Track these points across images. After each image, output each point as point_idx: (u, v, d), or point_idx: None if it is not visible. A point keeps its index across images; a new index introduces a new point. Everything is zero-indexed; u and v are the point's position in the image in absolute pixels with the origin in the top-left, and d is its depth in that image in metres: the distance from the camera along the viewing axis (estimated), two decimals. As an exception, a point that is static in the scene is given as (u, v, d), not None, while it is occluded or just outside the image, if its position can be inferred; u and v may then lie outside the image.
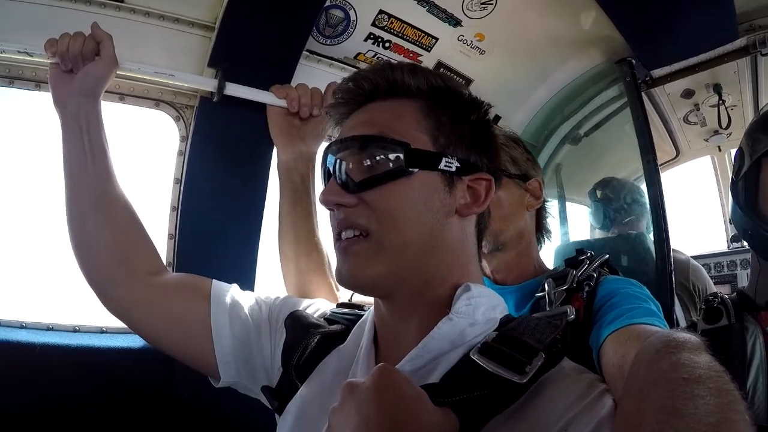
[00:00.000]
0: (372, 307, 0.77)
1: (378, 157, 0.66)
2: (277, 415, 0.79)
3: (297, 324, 0.83)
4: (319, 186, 0.91)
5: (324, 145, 1.02)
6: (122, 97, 1.31)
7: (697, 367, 0.51)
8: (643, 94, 1.82)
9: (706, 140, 2.40)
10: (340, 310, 0.87)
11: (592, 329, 0.93)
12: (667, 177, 2.73)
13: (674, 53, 1.66)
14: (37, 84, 1.25)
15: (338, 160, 0.68)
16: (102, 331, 1.37)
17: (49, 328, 1.33)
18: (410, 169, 0.66)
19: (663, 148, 2.48)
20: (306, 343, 0.79)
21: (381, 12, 1.45)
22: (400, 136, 0.67)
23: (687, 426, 0.44)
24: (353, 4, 1.41)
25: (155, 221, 1.34)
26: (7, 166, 1.62)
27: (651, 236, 1.59)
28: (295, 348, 0.79)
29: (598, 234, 2.04)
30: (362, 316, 0.81)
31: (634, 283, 1.04)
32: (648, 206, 1.59)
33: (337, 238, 0.69)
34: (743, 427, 0.45)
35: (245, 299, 0.90)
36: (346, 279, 0.68)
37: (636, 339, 0.80)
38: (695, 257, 2.26)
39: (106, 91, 1.03)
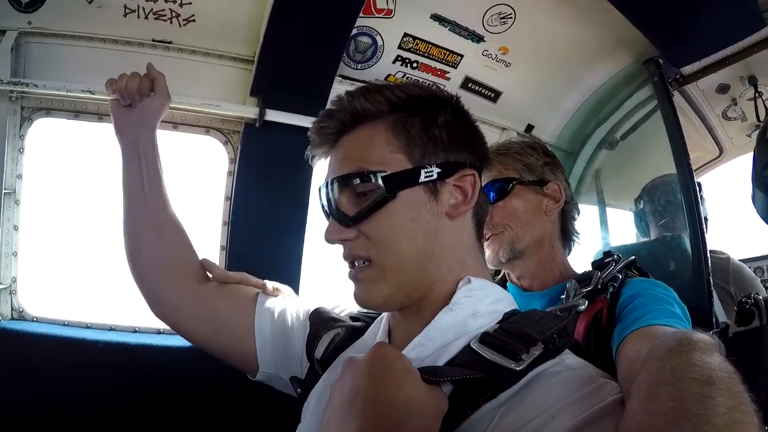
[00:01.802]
0: None
1: (362, 191, 0.69)
2: None
3: (319, 318, 0.90)
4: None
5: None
6: (176, 125, 1.48)
7: (708, 368, 0.50)
8: (676, 92, 1.80)
9: (749, 135, 2.27)
10: (364, 310, 0.91)
11: (614, 329, 0.92)
12: (712, 177, 2.62)
13: (701, 48, 1.62)
14: (100, 117, 1.43)
15: (331, 200, 0.71)
16: (159, 332, 1.53)
17: (111, 329, 1.51)
18: (392, 194, 0.68)
19: (705, 146, 2.38)
20: (325, 335, 0.85)
21: (405, 35, 1.54)
22: (375, 165, 0.69)
23: (695, 427, 0.44)
24: (379, 30, 1.51)
25: (209, 235, 1.50)
26: (71, 186, 1.83)
27: (688, 238, 1.55)
28: (316, 339, 0.86)
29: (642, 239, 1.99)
30: (382, 314, 0.85)
31: (659, 285, 1.02)
32: (683, 207, 1.56)
33: (350, 266, 0.74)
34: (752, 429, 0.45)
35: (286, 303, 0.98)
36: (361, 303, 0.73)
37: (652, 338, 0.79)
38: (747, 260, 2.15)
39: (161, 121, 1.13)
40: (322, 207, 0.74)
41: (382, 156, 0.70)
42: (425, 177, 0.69)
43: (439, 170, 0.70)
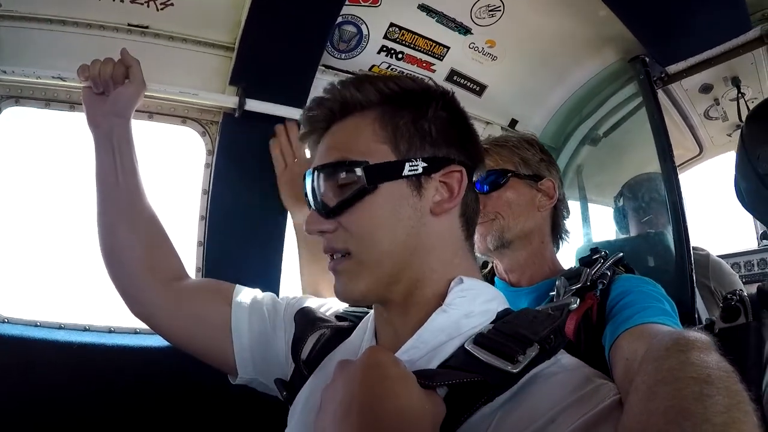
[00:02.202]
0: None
1: (343, 181, 0.68)
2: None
3: (304, 318, 0.88)
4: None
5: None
6: (151, 115, 1.40)
7: (706, 367, 0.51)
8: (660, 91, 1.81)
9: (729, 135, 2.33)
10: (351, 309, 0.91)
11: (606, 327, 0.93)
12: (692, 175, 2.67)
13: (687, 48, 1.63)
14: (72, 105, 1.36)
15: (312, 189, 0.71)
16: (135, 332, 1.46)
17: (86, 329, 1.44)
18: (373, 185, 0.67)
19: (685, 145, 2.42)
20: (311, 335, 0.83)
21: (392, 25, 1.50)
22: (359, 155, 0.68)
23: (694, 426, 0.44)
24: (364, 19, 1.46)
25: (186, 230, 1.44)
26: (41, 179, 1.76)
27: (671, 234, 1.57)
28: (301, 340, 0.84)
29: (623, 236, 2.02)
30: (369, 313, 0.84)
31: (648, 282, 1.03)
32: (666, 204, 1.57)
33: (330, 258, 0.72)
34: (751, 427, 0.45)
35: (264, 300, 0.96)
36: (341, 295, 0.72)
37: (647, 337, 0.80)
38: (724, 256, 2.20)
39: (136, 110, 1.10)
40: (305, 196, 0.73)
41: (367, 146, 0.69)
42: (409, 170, 0.68)
43: (425, 165, 0.69)
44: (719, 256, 2.13)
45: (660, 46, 1.61)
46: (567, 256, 1.21)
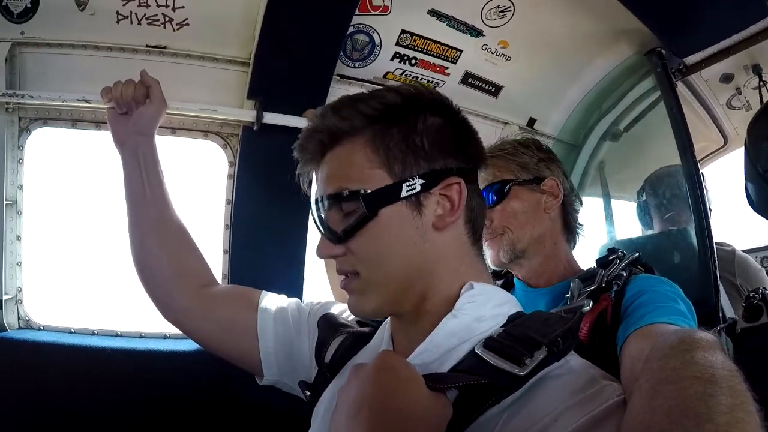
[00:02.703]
0: None
1: (345, 209, 0.69)
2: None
3: (327, 324, 0.90)
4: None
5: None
6: (174, 131, 1.47)
7: (711, 366, 0.50)
8: (680, 83, 1.78)
9: None
10: None
11: (619, 328, 0.91)
12: (717, 166, 2.60)
13: (704, 38, 1.59)
14: (97, 125, 1.44)
15: (318, 218, 0.72)
16: (165, 337, 1.53)
17: (118, 335, 1.52)
18: (373, 212, 0.67)
19: (710, 137, 2.36)
20: (333, 340, 0.86)
21: (403, 32, 1.52)
22: (356, 183, 0.68)
23: (697, 425, 0.44)
24: (375, 27, 1.49)
25: (212, 239, 1.50)
26: (72, 194, 1.84)
27: (693, 231, 1.54)
28: (324, 344, 0.86)
29: (648, 233, 1.97)
30: (387, 319, 0.85)
31: (664, 282, 1.01)
32: (688, 200, 1.55)
33: (344, 276, 0.74)
34: (754, 427, 0.45)
35: (289, 305, 0.98)
36: (353, 311, 0.74)
37: (655, 336, 0.78)
38: (751, 251, 2.13)
39: (159, 127, 1.13)
40: (314, 223, 0.74)
41: (362, 174, 0.69)
42: (407, 191, 0.68)
43: (423, 182, 0.68)
44: (745, 251, 2.06)
45: (676, 37, 1.58)
46: (590, 257, 1.18)
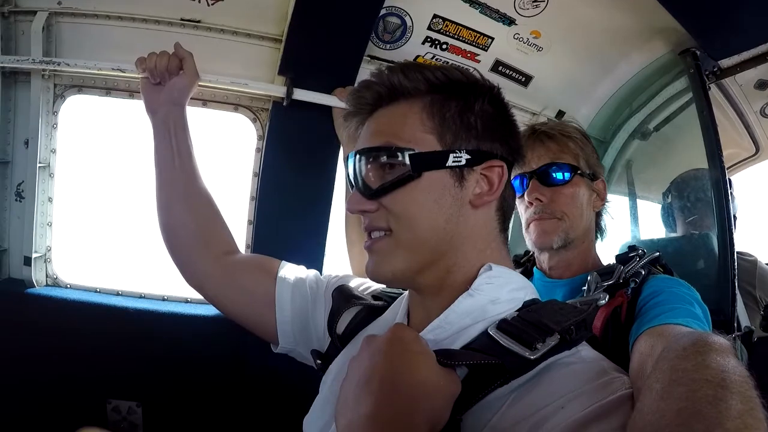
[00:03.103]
0: None
1: (387, 166, 0.70)
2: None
3: (341, 295, 0.92)
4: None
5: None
6: (205, 102, 1.50)
7: (722, 371, 0.50)
8: (714, 86, 1.74)
9: None
10: (387, 290, 0.94)
11: (633, 326, 0.92)
12: (747, 175, 2.53)
13: (741, 41, 1.55)
14: (130, 93, 1.48)
15: (357, 171, 0.72)
16: (187, 301, 1.59)
17: (141, 296, 1.59)
18: (417, 173, 0.68)
19: (741, 144, 2.29)
20: (346, 311, 0.88)
21: (435, 16, 1.52)
22: (405, 142, 0.69)
23: (706, 429, 0.44)
24: (408, 11, 1.49)
25: (237, 209, 1.54)
26: (103, 160, 1.89)
27: (716, 238, 1.52)
28: (336, 315, 0.88)
29: (671, 235, 1.95)
30: (403, 294, 0.87)
31: (682, 284, 1.01)
32: (712, 205, 1.52)
33: (368, 237, 0.75)
34: None
35: (307, 277, 1.01)
36: (371, 274, 0.74)
37: (667, 337, 0.79)
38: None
39: (191, 98, 1.17)
40: (347, 176, 0.75)
41: (413, 134, 0.70)
42: (453, 161, 0.69)
43: (469, 157, 0.70)
44: (769, 264, 2.03)
45: (712, 38, 1.55)
46: (611, 254, 1.18)
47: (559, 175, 1.14)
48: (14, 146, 1.49)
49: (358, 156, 0.73)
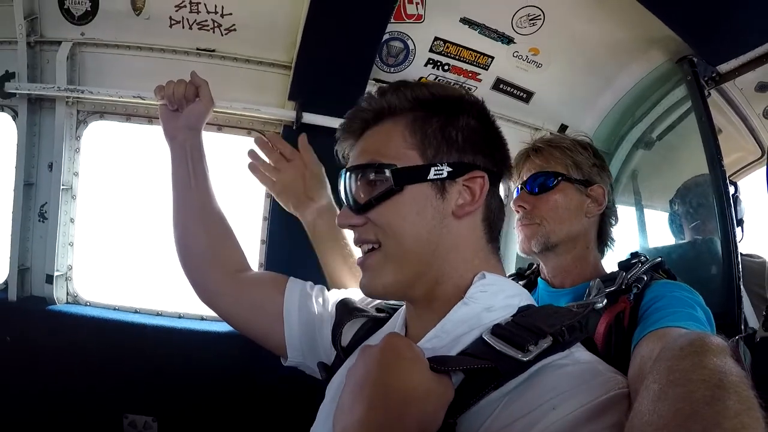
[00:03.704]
0: None
1: (372, 181, 0.73)
2: None
3: (344, 308, 0.95)
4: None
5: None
6: (220, 127, 1.57)
7: (720, 371, 0.50)
8: (715, 91, 1.75)
9: None
10: (390, 303, 0.96)
11: (635, 331, 0.92)
12: (754, 178, 2.52)
13: (737, 46, 1.56)
14: (149, 120, 1.55)
15: (345, 188, 0.76)
16: (202, 318, 1.64)
17: (158, 314, 1.63)
18: (399, 187, 0.71)
19: (746, 147, 2.29)
20: (348, 323, 0.91)
21: (436, 39, 1.58)
22: (388, 159, 0.72)
23: (704, 430, 0.43)
24: (410, 35, 1.55)
25: (251, 229, 1.59)
26: (124, 182, 1.96)
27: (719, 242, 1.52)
28: (339, 327, 0.91)
29: (677, 241, 1.93)
30: (403, 306, 0.89)
31: (684, 288, 1.01)
32: (715, 210, 1.53)
33: (362, 253, 0.78)
34: None
35: (314, 292, 1.03)
36: (365, 290, 0.77)
37: (667, 339, 0.79)
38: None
39: (206, 124, 1.21)
40: (339, 193, 0.79)
41: (396, 151, 0.73)
42: (434, 175, 0.72)
43: (450, 170, 0.72)
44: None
45: (708, 45, 1.56)
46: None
47: (543, 184, 1.16)
48: (38, 169, 1.56)
49: (347, 174, 0.76)
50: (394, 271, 0.73)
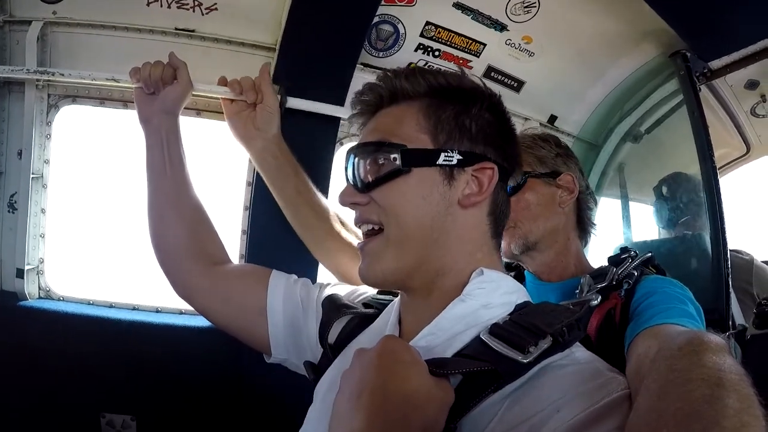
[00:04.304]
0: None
1: (380, 160, 0.72)
2: None
3: (331, 305, 0.92)
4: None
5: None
6: (199, 112, 1.50)
7: (719, 369, 0.50)
8: (704, 87, 1.76)
9: None
10: (379, 296, 0.94)
11: (628, 327, 0.92)
12: (739, 174, 2.56)
13: (730, 42, 1.57)
14: (124, 104, 1.48)
15: (351, 165, 0.75)
16: (180, 313, 1.58)
17: (135, 308, 1.57)
18: (407, 168, 0.70)
19: (732, 143, 2.33)
20: (336, 321, 0.88)
21: (428, 23, 1.53)
22: (399, 139, 0.72)
23: (704, 428, 0.44)
24: (400, 18, 1.50)
25: (231, 219, 1.54)
26: (98, 170, 1.88)
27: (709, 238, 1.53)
28: (327, 325, 0.88)
29: (664, 235, 1.95)
30: (394, 301, 0.87)
31: (675, 284, 1.01)
32: (705, 206, 1.53)
33: (364, 237, 0.77)
34: (760, 431, 0.45)
35: (298, 285, 1.00)
36: (363, 276, 0.75)
37: (663, 337, 0.80)
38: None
39: (184, 108, 1.18)
40: (345, 171, 0.77)
41: (408, 133, 0.73)
42: (444, 160, 0.71)
43: (460, 158, 0.71)
44: (765, 261, 2.05)
45: (701, 40, 1.56)
46: (605, 258, 1.18)
47: (510, 186, 1.16)
48: (7, 157, 1.48)
49: (354, 151, 0.75)
50: (394, 256, 0.72)
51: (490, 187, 0.73)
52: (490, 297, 0.70)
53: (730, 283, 1.43)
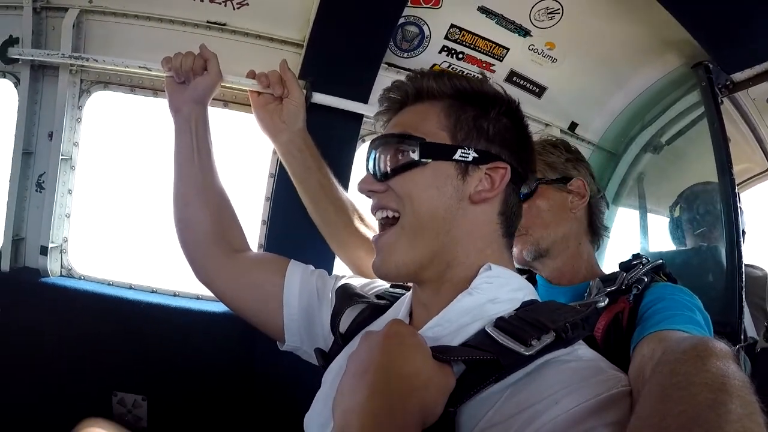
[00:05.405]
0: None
1: (400, 151, 0.76)
2: None
3: (344, 294, 0.95)
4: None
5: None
6: (226, 103, 1.53)
7: (722, 375, 0.50)
8: (726, 99, 1.74)
9: None
10: (390, 290, 0.97)
11: (634, 332, 0.93)
12: (759, 190, 2.52)
13: (754, 55, 1.55)
14: (155, 92, 1.52)
15: (372, 156, 0.78)
16: (198, 298, 1.61)
17: (153, 291, 1.61)
18: (424, 160, 0.74)
19: (753, 158, 2.28)
20: (348, 309, 0.90)
21: (452, 26, 1.55)
22: (420, 133, 0.75)
23: None
24: (426, 20, 1.52)
25: (252, 209, 1.57)
26: (125, 155, 1.93)
27: (724, 250, 1.52)
28: (339, 314, 0.91)
29: (679, 247, 1.92)
30: (406, 294, 0.90)
31: (684, 291, 1.02)
32: (721, 218, 1.52)
33: (380, 229, 0.80)
34: None
35: (315, 276, 1.03)
36: (377, 269, 0.78)
37: (669, 341, 0.80)
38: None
39: (212, 99, 1.21)
40: (366, 161, 0.81)
41: (428, 128, 0.77)
42: (460, 156, 0.74)
43: (476, 155, 0.75)
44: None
45: (724, 52, 1.55)
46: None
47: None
48: (38, 138, 1.52)
49: (377, 142, 0.79)
50: (408, 246, 0.74)
51: (501, 185, 0.75)
52: (498, 292, 0.72)
53: (744, 296, 1.41)
